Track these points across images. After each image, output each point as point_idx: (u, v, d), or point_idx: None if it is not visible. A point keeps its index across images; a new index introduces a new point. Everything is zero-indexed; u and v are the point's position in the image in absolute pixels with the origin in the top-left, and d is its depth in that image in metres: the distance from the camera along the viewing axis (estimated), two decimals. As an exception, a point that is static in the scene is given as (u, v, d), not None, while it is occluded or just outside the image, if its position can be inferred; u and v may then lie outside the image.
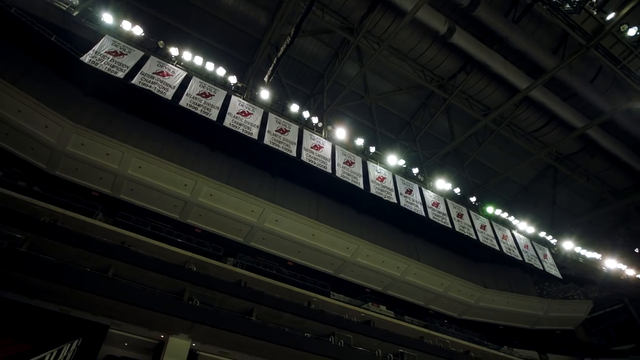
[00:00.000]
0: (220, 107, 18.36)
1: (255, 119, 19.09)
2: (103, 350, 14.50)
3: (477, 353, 23.57)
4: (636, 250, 33.01)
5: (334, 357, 15.86)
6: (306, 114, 20.85)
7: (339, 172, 19.90)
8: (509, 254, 24.48)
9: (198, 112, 17.58)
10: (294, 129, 19.95)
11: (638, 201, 32.92)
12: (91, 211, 17.56)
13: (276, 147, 18.83)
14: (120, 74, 16.44)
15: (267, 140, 18.71)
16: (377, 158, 22.28)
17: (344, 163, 20.40)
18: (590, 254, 29.23)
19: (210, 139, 20.99)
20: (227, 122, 18.12)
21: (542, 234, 27.29)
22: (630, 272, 31.17)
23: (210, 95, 18.40)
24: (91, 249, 14.89)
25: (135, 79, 16.67)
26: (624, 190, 31.57)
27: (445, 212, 22.67)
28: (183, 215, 20.91)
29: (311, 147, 19.89)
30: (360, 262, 23.93)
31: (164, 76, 17.67)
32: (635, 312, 34.88)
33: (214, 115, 17.92)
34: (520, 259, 24.81)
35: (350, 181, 20.05)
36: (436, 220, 21.88)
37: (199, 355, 16.52)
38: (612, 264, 30.17)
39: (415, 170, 23.12)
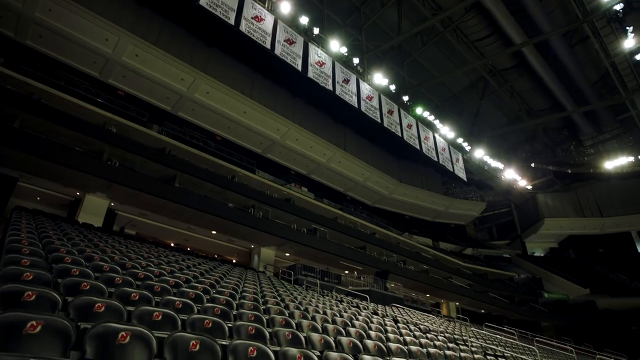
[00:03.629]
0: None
1: (190, -27, 16.81)
2: (13, 202, 14.14)
3: (381, 235, 26.77)
4: (532, 165, 37.46)
5: (251, 225, 17.04)
6: (250, -22, 18.76)
7: (278, 50, 18.94)
8: (427, 154, 26.42)
9: (122, -49, 15.01)
10: (235, -7, 18.05)
11: (547, 123, 36.41)
12: (-12, 53, 15.35)
13: (213, 10, 17.06)
14: None
15: (203, 1, 16.85)
16: (320, 41, 21.38)
17: (284, 41, 19.34)
18: (495, 164, 32.60)
19: (137, -11, 18.48)
20: (157, -29, 15.82)
21: (460, 140, 29.51)
22: (522, 183, 35.72)
23: None
24: (-10, 94, 13.37)
25: None
26: (538, 111, 34.45)
27: (378, 106, 23.23)
28: (104, 74, 19.19)
29: (252, 18, 18.36)
30: (289, 144, 24.53)
31: None
32: (517, 216, 41.11)
33: (140, -41, 15.45)
34: (436, 159, 26.97)
35: (289, 61, 19.29)
36: (367, 114, 22.45)
37: (118, 215, 16.86)
38: (510, 174, 34.14)
39: (356, 61, 22.75)
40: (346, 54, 22.18)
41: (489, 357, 8.06)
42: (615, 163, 33.84)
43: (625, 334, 31.28)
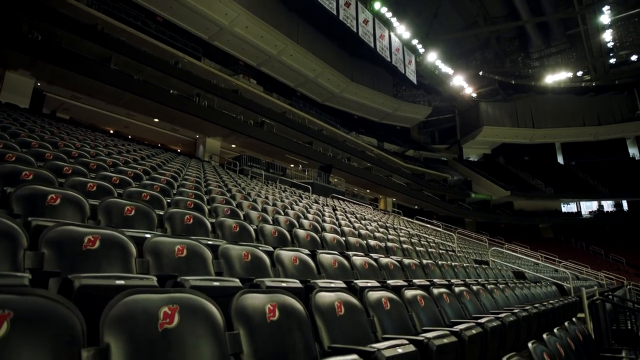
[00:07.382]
0: None
1: None
2: None
3: (329, 132, 27.17)
4: (480, 73, 38.21)
5: (195, 114, 16.45)
6: None
7: None
8: (380, 53, 25.95)
9: None
10: None
11: (500, 31, 36.43)
12: None
13: None
14: None
15: None
16: None
17: None
18: (445, 69, 32.90)
19: None
20: None
21: (415, 42, 29.03)
22: (468, 90, 36.75)
23: None
24: None
25: None
26: (495, 18, 34.14)
27: (334, -3, 21.82)
28: None
29: None
30: (238, 32, 22.85)
31: None
32: (459, 122, 43.04)
33: None
34: (389, 60, 26.68)
35: None
36: (323, 4, 21.11)
37: (47, 97, 15.47)
38: (458, 81, 34.81)
39: (315, -60, 20.59)
40: None
41: (413, 240, 9.09)
42: (555, 78, 35.44)
43: (531, 230, 36.29)
